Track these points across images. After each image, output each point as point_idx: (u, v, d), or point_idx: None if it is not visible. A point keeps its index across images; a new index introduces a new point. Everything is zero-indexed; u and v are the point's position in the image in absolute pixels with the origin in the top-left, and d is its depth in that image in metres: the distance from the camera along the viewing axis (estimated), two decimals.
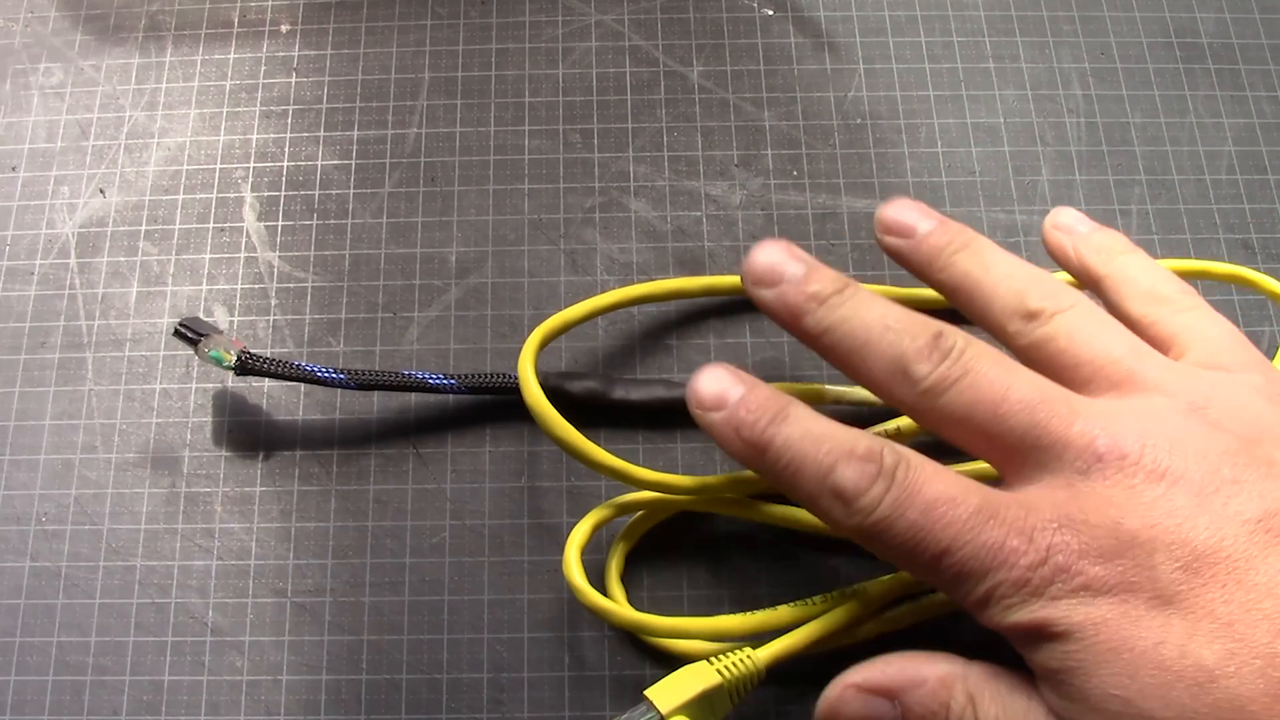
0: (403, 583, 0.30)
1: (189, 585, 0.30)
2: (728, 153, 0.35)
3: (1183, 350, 0.27)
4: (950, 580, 0.24)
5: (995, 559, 0.23)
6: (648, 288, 0.31)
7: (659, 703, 0.25)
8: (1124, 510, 0.23)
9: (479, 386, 0.30)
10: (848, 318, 0.26)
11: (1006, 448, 0.25)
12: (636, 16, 0.36)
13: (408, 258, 0.33)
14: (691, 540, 0.30)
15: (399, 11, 0.36)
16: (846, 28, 0.36)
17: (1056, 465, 0.24)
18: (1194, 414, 0.24)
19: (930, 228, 0.29)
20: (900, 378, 0.26)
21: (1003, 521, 0.23)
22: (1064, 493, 0.24)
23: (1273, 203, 0.34)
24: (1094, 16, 0.37)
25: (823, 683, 0.28)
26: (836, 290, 0.27)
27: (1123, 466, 0.23)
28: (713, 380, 0.26)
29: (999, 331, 0.27)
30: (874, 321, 0.26)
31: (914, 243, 0.29)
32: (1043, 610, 0.23)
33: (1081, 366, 0.26)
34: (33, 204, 0.34)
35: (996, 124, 0.35)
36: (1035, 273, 0.27)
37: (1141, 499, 0.23)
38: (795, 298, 0.27)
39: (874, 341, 0.26)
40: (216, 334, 0.30)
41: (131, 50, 0.36)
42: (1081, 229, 0.30)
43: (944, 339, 0.25)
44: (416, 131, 0.35)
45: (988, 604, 0.24)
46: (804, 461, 0.25)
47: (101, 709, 0.29)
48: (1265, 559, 0.22)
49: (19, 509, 0.30)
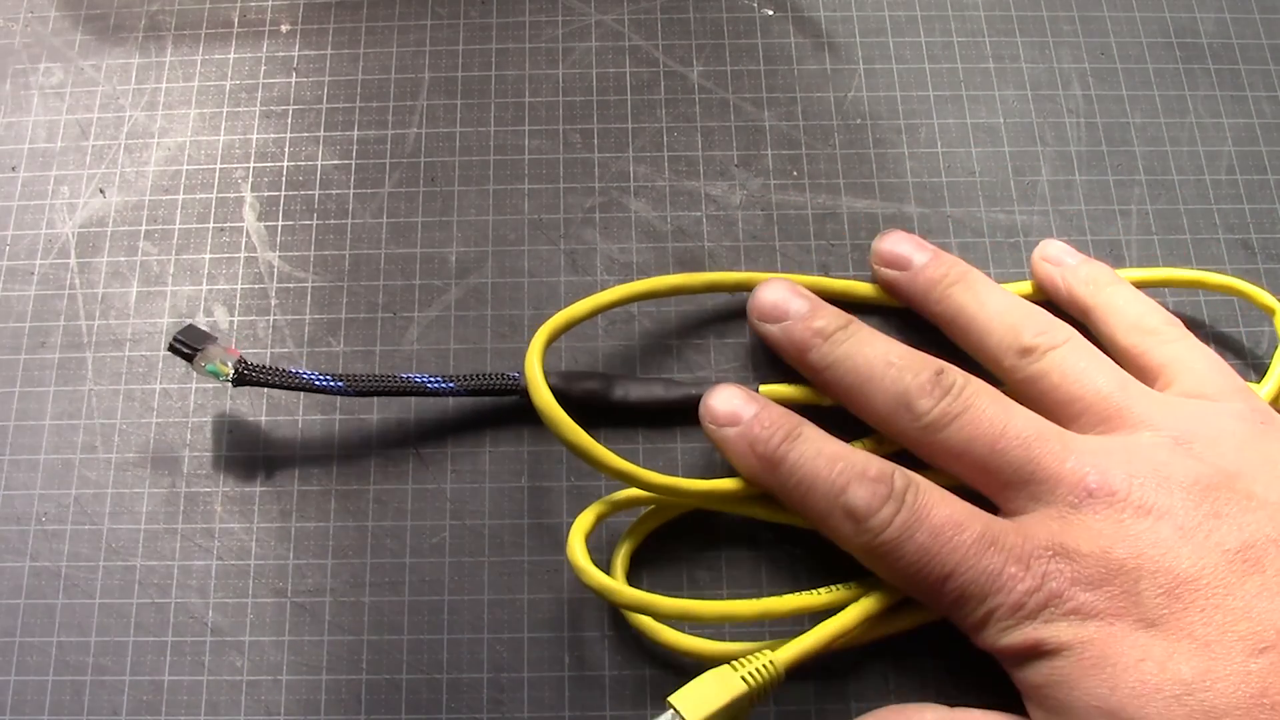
0: (403, 583, 0.30)
1: (189, 585, 0.30)
2: (728, 153, 0.35)
3: (1169, 380, 0.28)
4: (951, 603, 0.25)
5: (994, 584, 0.25)
6: (650, 284, 0.31)
7: (685, 710, 0.25)
8: (1113, 541, 0.24)
9: (478, 389, 0.30)
10: (851, 354, 0.28)
11: (1003, 480, 0.26)
12: (636, 16, 0.36)
13: (408, 258, 0.33)
14: (692, 540, 0.30)
15: (399, 11, 0.36)
16: (846, 28, 0.36)
17: (1050, 498, 0.26)
18: (1179, 448, 0.26)
19: (925, 260, 0.30)
20: (902, 412, 0.27)
21: (1002, 548, 0.25)
22: (1057, 524, 0.25)
23: (1273, 203, 0.34)
24: (1094, 16, 0.37)
25: (825, 683, 0.28)
26: (840, 326, 0.29)
27: (1112, 502, 0.25)
28: (727, 397, 0.28)
29: (994, 365, 0.29)
30: (877, 358, 0.28)
31: (910, 275, 0.31)
32: (1035, 632, 0.24)
33: (1074, 402, 0.27)
34: (33, 204, 0.34)
35: (996, 124, 0.35)
36: (1028, 308, 0.29)
37: (1129, 531, 0.24)
38: (801, 333, 0.29)
39: (877, 377, 0.27)
40: (212, 343, 0.29)
41: (131, 50, 0.36)
42: (1070, 261, 0.31)
43: (945, 376, 0.27)
44: (416, 131, 0.35)
45: (985, 626, 0.25)
46: (816, 480, 0.26)
47: (101, 709, 0.29)
48: (1242, 585, 0.24)
49: (19, 509, 0.30)
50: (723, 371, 0.32)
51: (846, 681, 0.28)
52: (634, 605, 0.27)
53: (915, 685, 0.28)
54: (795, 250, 0.33)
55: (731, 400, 0.28)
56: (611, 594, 0.27)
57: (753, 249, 0.33)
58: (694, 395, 0.31)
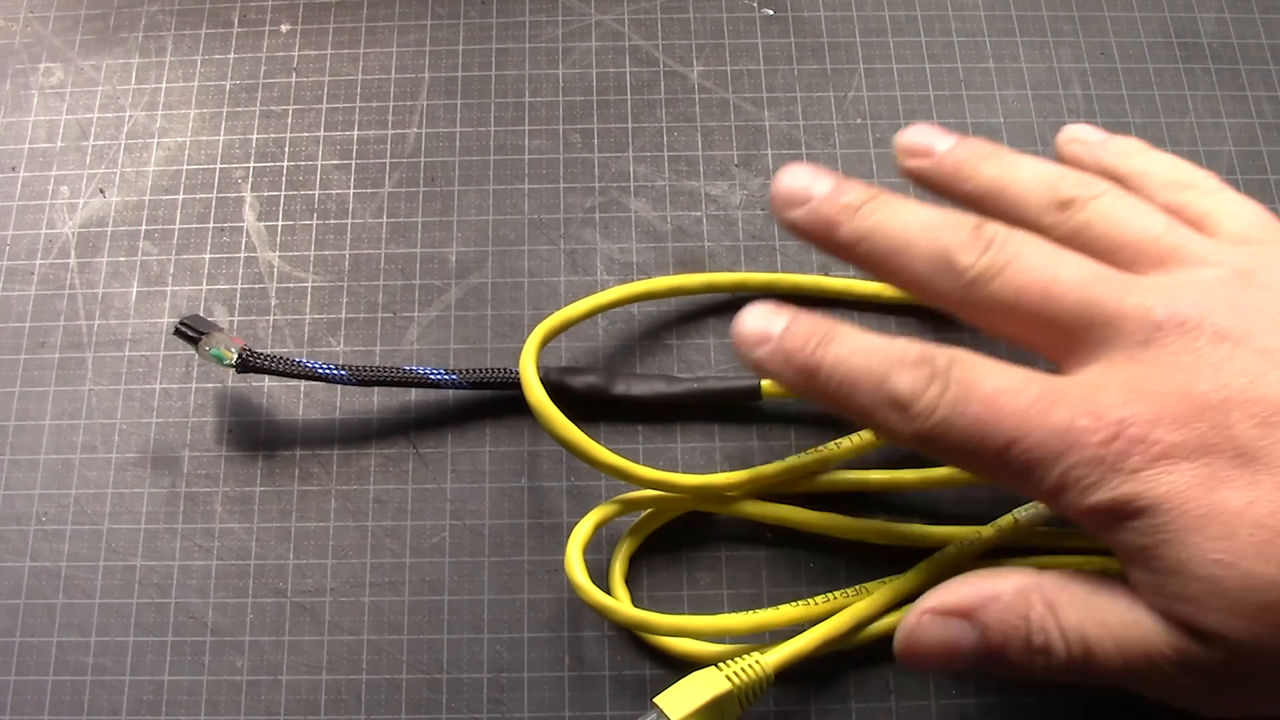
0: (403, 583, 0.30)
1: (189, 585, 0.30)
2: (728, 153, 0.35)
3: (1215, 228, 0.27)
4: (1020, 472, 0.23)
5: (1065, 441, 0.23)
6: (648, 285, 0.31)
7: (669, 710, 0.25)
8: (1193, 374, 0.23)
9: (480, 381, 0.30)
10: (884, 221, 0.26)
11: (1060, 330, 0.24)
12: (636, 16, 0.36)
13: (408, 258, 0.33)
14: (692, 540, 0.30)
15: (399, 11, 0.36)
16: (846, 28, 0.36)
17: (1115, 340, 0.24)
18: (1242, 279, 0.24)
19: (950, 144, 0.28)
20: (944, 272, 0.25)
21: (1068, 403, 0.23)
22: (1127, 367, 0.23)
23: (1273, 203, 0.34)
24: (1094, 16, 0.37)
25: (825, 683, 0.28)
26: (869, 198, 0.27)
27: (1184, 332, 0.23)
28: (755, 317, 0.26)
29: (1034, 226, 0.27)
30: (911, 221, 0.26)
31: (935, 160, 0.28)
32: (1124, 486, 0.22)
33: (1123, 248, 0.26)
34: (33, 204, 0.34)
35: (996, 124, 0.35)
36: (1061, 168, 0.27)
37: (1208, 361, 0.23)
38: (828, 209, 0.27)
39: (913, 240, 0.26)
40: (217, 331, 0.30)
41: (131, 50, 0.36)
42: (1096, 138, 0.29)
43: (985, 228, 0.25)
44: (416, 131, 0.35)
45: (1063, 490, 0.23)
46: (857, 375, 0.25)
47: (101, 709, 0.29)
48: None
49: (19, 509, 0.30)
50: (721, 371, 0.32)
51: (846, 681, 0.28)
52: (632, 624, 0.28)
53: (916, 685, 0.28)
54: (795, 250, 0.33)
55: (760, 318, 0.26)
56: (610, 613, 0.27)
57: (753, 249, 0.33)
58: (696, 390, 0.31)
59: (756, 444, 0.31)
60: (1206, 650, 0.22)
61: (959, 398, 0.23)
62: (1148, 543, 0.22)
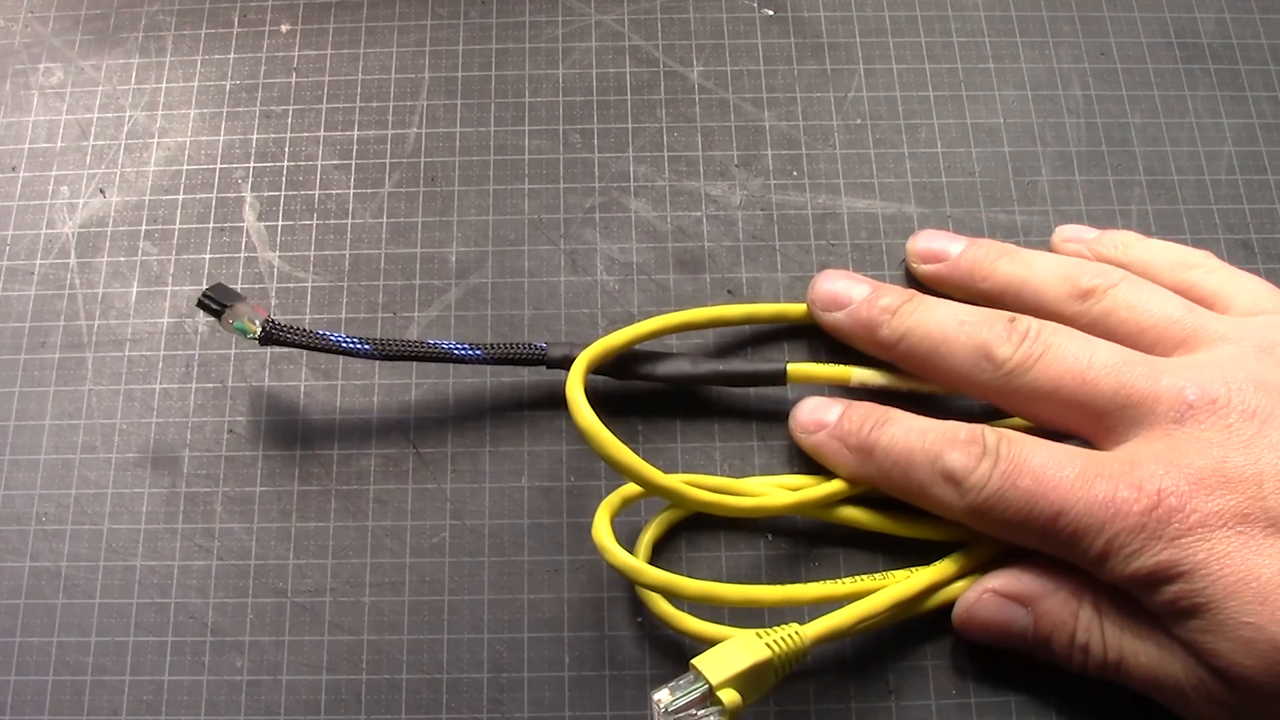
0: (403, 583, 0.30)
1: (189, 585, 0.30)
2: (728, 153, 0.35)
3: (1226, 304, 0.28)
4: (1066, 541, 0.25)
5: (1108, 511, 0.24)
6: (688, 315, 0.31)
7: (708, 673, 0.25)
8: (1225, 449, 0.24)
9: (505, 357, 0.30)
10: (923, 320, 0.28)
11: (1096, 413, 0.26)
12: (636, 16, 0.36)
13: (408, 258, 0.33)
14: (692, 540, 0.30)
15: (399, 11, 0.36)
16: (846, 28, 0.36)
17: (1150, 420, 0.25)
18: (1265, 355, 0.26)
19: (962, 247, 0.31)
20: (983, 364, 0.27)
21: (1110, 476, 0.25)
22: (1164, 442, 0.25)
23: (1273, 203, 0.34)
24: (1094, 16, 0.37)
25: (825, 683, 0.28)
26: (906, 300, 0.29)
27: (1215, 410, 0.25)
28: (811, 406, 0.29)
29: (1056, 317, 0.28)
30: (947, 318, 0.28)
31: (950, 264, 0.31)
32: (1164, 552, 0.24)
33: (1146, 332, 0.27)
34: (33, 204, 0.34)
35: (996, 124, 0.35)
36: (1075, 259, 0.29)
37: (1240, 437, 0.24)
38: (868, 312, 0.29)
39: (951, 336, 0.28)
40: (241, 303, 0.29)
41: (131, 50, 0.36)
42: (1090, 235, 0.31)
43: (1019, 323, 0.27)
44: (416, 131, 0.35)
45: (1107, 556, 0.24)
46: (911, 454, 0.27)
47: (101, 709, 0.29)
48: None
49: (19, 509, 0.30)
50: None
51: (846, 681, 0.28)
52: (657, 585, 0.27)
53: (916, 685, 0.28)
54: (795, 250, 0.33)
55: (816, 407, 0.29)
56: (635, 573, 0.27)
57: (753, 249, 0.33)
58: (721, 371, 0.30)
59: (756, 444, 0.31)
60: (1233, 692, 0.24)
61: (1009, 472, 0.25)
62: (1185, 605, 0.24)
